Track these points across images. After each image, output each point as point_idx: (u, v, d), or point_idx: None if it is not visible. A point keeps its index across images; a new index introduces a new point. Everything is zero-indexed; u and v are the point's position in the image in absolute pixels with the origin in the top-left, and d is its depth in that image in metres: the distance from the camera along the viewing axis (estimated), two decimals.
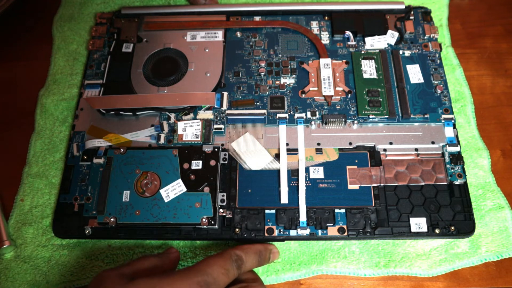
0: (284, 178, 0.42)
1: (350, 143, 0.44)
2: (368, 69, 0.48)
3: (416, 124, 0.45)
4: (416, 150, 0.43)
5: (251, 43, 0.50)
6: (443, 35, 0.52)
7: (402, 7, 0.52)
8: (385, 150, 0.43)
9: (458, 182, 0.42)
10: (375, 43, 0.49)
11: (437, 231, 0.39)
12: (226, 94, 0.47)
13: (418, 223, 0.40)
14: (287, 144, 0.44)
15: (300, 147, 0.44)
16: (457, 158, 0.43)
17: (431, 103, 0.46)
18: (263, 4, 0.53)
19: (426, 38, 0.50)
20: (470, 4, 0.56)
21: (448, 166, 0.42)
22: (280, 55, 0.49)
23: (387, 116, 0.45)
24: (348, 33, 0.50)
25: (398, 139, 0.44)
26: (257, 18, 0.52)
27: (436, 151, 0.43)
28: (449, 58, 0.50)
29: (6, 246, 0.41)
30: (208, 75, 0.48)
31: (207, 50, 0.50)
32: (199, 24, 0.51)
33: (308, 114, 0.46)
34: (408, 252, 0.40)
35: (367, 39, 0.50)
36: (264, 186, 0.42)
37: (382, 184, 0.42)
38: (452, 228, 0.40)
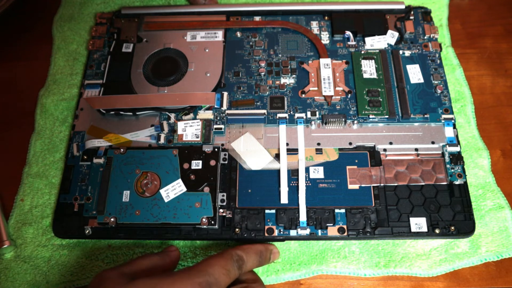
0: (284, 178, 0.42)
1: (350, 143, 0.44)
2: (368, 69, 0.48)
3: (416, 124, 0.45)
4: (416, 150, 0.43)
5: (251, 43, 0.50)
6: (443, 35, 0.52)
7: (402, 7, 0.52)
8: (385, 150, 0.43)
9: (458, 182, 0.42)
10: (375, 43, 0.49)
11: (437, 231, 0.39)
12: (226, 94, 0.47)
13: (418, 223, 0.40)
14: (287, 144, 0.44)
15: (300, 147, 0.44)
16: (457, 158, 0.43)
17: (431, 103, 0.46)
18: (263, 4, 0.53)
19: (426, 38, 0.50)
20: (470, 4, 0.56)
21: (448, 166, 0.42)
22: (280, 55, 0.49)
23: (387, 116, 0.45)
24: (348, 33, 0.50)
25: (398, 139, 0.44)
26: (257, 18, 0.52)
27: (436, 151, 0.43)
28: (449, 58, 0.50)
29: (6, 246, 0.41)
30: (208, 75, 0.48)
31: (207, 50, 0.50)
32: (199, 24, 0.51)
33: (308, 114, 0.45)
34: (408, 252, 0.40)
35: (367, 39, 0.50)
36: (264, 186, 0.42)
37: (382, 184, 0.42)
38: (452, 228, 0.40)
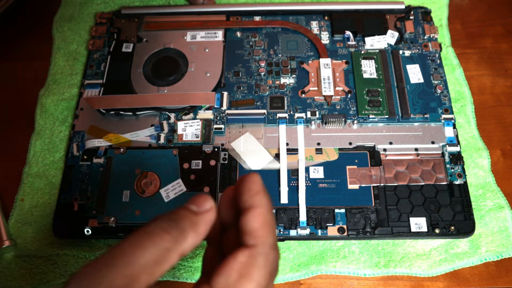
0: (284, 178, 0.42)
1: (350, 143, 0.44)
2: (368, 69, 0.48)
3: (416, 124, 0.45)
4: (416, 150, 0.43)
5: (251, 43, 0.50)
6: (443, 35, 0.52)
7: (402, 7, 0.52)
8: (385, 150, 0.43)
9: (458, 182, 0.42)
10: (375, 43, 0.49)
11: (437, 231, 0.39)
12: (226, 94, 0.47)
13: (418, 223, 0.40)
14: (287, 144, 0.44)
15: (300, 147, 0.44)
16: (457, 158, 0.43)
17: (431, 103, 0.46)
18: (263, 4, 0.53)
19: (426, 38, 0.50)
20: (470, 4, 0.56)
21: (448, 166, 0.42)
22: (280, 55, 0.49)
23: (387, 116, 0.45)
24: (348, 33, 0.50)
25: (398, 139, 0.44)
26: (257, 18, 0.52)
27: (436, 151, 0.43)
28: (449, 58, 0.50)
29: (6, 246, 0.41)
30: (208, 75, 0.48)
31: (207, 50, 0.50)
32: (199, 24, 0.51)
33: (308, 114, 0.45)
34: (408, 252, 0.40)
35: (367, 39, 0.49)
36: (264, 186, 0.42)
37: (382, 184, 0.42)
38: (452, 228, 0.40)
